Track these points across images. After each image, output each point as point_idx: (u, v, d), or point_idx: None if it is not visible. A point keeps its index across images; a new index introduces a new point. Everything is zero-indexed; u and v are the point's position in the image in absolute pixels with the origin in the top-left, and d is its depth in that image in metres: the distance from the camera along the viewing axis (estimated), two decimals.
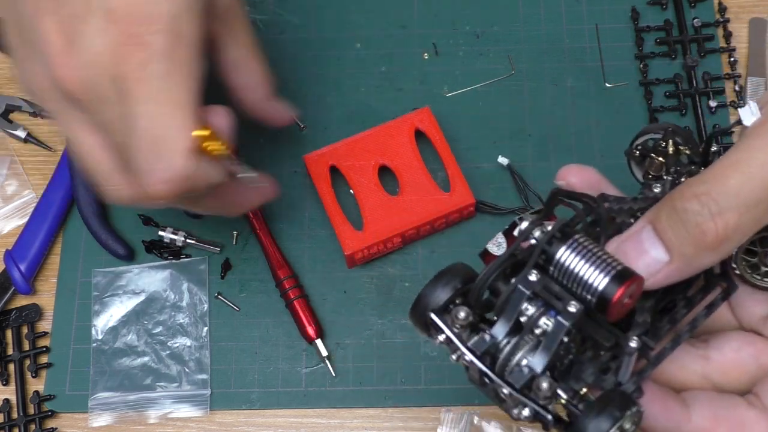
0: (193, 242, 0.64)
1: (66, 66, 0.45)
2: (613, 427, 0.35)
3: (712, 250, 0.36)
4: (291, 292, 0.62)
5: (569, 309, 0.36)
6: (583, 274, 0.36)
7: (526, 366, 0.37)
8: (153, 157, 0.45)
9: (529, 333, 0.37)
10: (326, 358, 0.61)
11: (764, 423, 0.38)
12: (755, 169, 0.34)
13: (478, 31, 0.70)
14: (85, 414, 0.61)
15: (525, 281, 0.37)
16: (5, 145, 0.68)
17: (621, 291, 0.35)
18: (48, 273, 0.65)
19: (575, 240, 0.37)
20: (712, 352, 0.41)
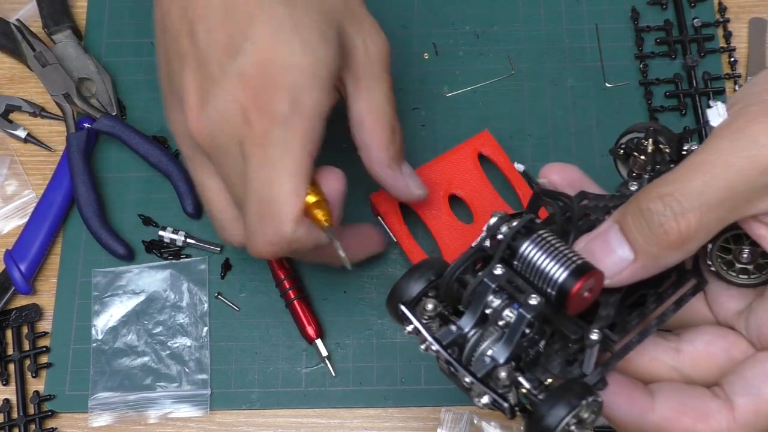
0: (193, 242, 0.64)
1: (197, 121, 0.49)
2: (569, 415, 0.36)
3: (675, 249, 0.37)
4: (291, 292, 0.62)
5: (530, 302, 0.38)
6: (544, 267, 0.38)
7: (489, 356, 0.38)
8: (262, 220, 0.48)
9: (494, 324, 0.39)
10: (326, 358, 0.61)
11: (726, 413, 0.39)
12: (718, 169, 0.36)
13: (478, 31, 0.70)
14: (85, 414, 0.61)
15: (490, 275, 0.39)
16: (5, 145, 0.68)
17: (579, 284, 0.37)
18: (48, 273, 0.65)
19: (539, 235, 0.38)
20: (683, 345, 0.42)
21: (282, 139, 0.47)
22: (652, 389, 0.41)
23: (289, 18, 0.48)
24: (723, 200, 0.36)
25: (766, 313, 0.41)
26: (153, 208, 0.66)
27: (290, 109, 0.47)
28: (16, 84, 0.71)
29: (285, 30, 0.48)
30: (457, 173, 0.62)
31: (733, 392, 0.39)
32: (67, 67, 0.68)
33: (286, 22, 0.48)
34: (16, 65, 0.71)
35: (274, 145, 0.47)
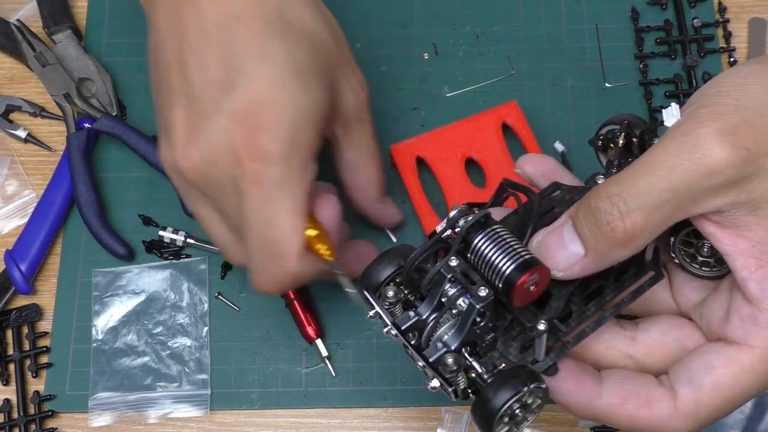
0: (193, 242, 0.64)
1: (184, 156, 0.49)
2: (513, 399, 0.39)
3: (621, 246, 0.39)
4: (291, 292, 0.62)
5: (480, 293, 0.40)
6: (493, 260, 0.40)
7: (443, 342, 0.41)
8: (265, 260, 0.49)
9: (449, 312, 0.41)
10: (326, 358, 0.61)
11: (668, 401, 0.41)
12: (664, 171, 0.37)
13: (478, 31, 0.70)
14: (85, 414, 0.61)
15: (446, 266, 0.41)
16: (5, 145, 0.69)
17: (523, 278, 0.39)
18: (48, 273, 0.65)
19: (492, 230, 0.41)
20: (639, 334, 0.44)
21: (279, 178, 0.47)
22: (602, 376, 0.43)
23: (289, 59, 0.48)
24: (667, 201, 0.37)
25: (716, 305, 0.42)
26: (153, 208, 0.66)
27: (288, 148, 0.47)
28: (16, 84, 0.71)
29: (284, 70, 0.47)
30: (478, 138, 0.63)
31: (676, 381, 0.41)
32: (67, 67, 0.68)
33: (285, 62, 0.48)
34: (17, 65, 0.71)
35: (272, 185, 0.47)
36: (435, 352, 0.41)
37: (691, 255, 0.43)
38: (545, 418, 0.59)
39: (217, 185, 0.49)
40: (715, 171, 0.37)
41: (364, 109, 0.55)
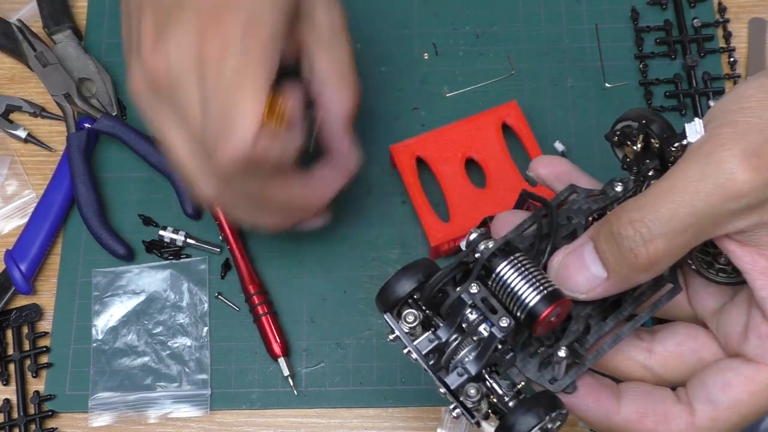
0: (193, 242, 0.64)
1: (152, 58, 0.49)
2: (537, 426, 0.39)
3: (645, 271, 0.39)
4: (259, 308, 0.62)
5: (501, 323, 0.40)
6: (516, 291, 0.40)
7: (464, 367, 0.41)
8: (223, 134, 0.48)
9: (470, 336, 0.41)
10: (289, 377, 0.61)
11: (686, 418, 0.41)
12: (687, 195, 0.37)
13: (478, 31, 0.70)
14: (85, 414, 0.61)
15: (467, 292, 0.41)
16: (5, 145, 0.69)
17: (547, 311, 0.39)
18: (48, 273, 0.65)
19: (514, 258, 0.41)
20: (656, 345, 0.44)
21: (239, 60, 0.47)
22: (620, 390, 0.43)
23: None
24: (690, 225, 0.37)
25: (733, 319, 0.42)
26: (153, 208, 0.66)
27: (246, 31, 0.47)
28: (16, 84, 0.71)
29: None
30: (478, 138, 0.63)
31: (694, 398, 0.41)
32: (67, 67, 0.68)
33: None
34: (17, 65, 0.71)
35: (231, 66, 0.47)
36: (456, 378, 0.41)
37: (708, 262, 0.43)
38: None
39: (180, 78, 0.49)
40: (738, 195, 0.36)
41: (338, 26, 0.54)
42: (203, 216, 0.65)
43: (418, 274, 0.44)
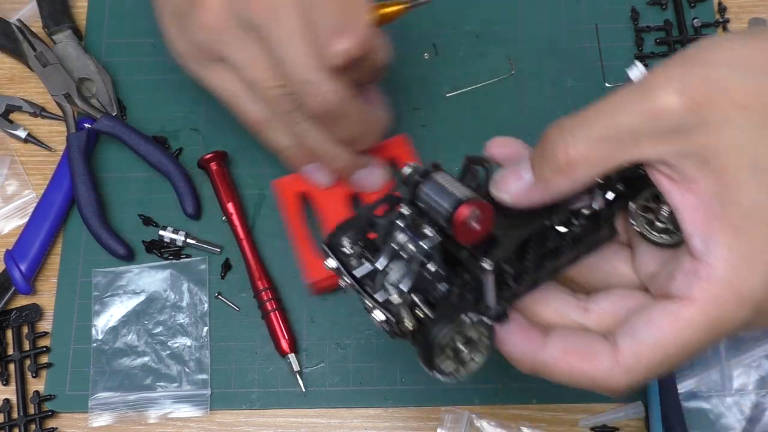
0: (193, 242, 0.64)
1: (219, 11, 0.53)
2: (453, 327, 0.40)
3: (563, 174, 0.40)
4: (268, 303, 0.62)
5: (426, 233, 0.41)
6: (438, 202, 0.41)
7: (391, 284, 0.42)
8: (340, 26, 0.51)
9: (401, 258, 0.42)
10: (298, 373, 0.61)
11: (610, 355, 0.40)
12: (611, 109, 0.39)
13: (478, 31, 0.70)
14: (85, 414, 0.61)
15: (399, 215, 0.42)
16: (5, 145, 0.69)
17: (463, 210, 0.40)
18: (48, 273, 0.65)
19: (439, 175, 0.42)
20: (591, 305, 0.44)
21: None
22: (549, 332, 0.43)
23: None
24: (609, 137, 0.39)
25: (666, 270, 0.42)
26: (153, 208, 0.66)
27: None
28: (16, 84, 0.71)
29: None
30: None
31: (619, 336, 0.41)
32: (67, 67, 0.68)
33: None
34: (17, 65, 0.71)
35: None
36: (385, 294, 0.42)
37: (650, 221, 0.44)
38: (545, 418, 0.60)
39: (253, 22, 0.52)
40: (658, 114, 0.37)
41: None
42: (203, 216, 0.65)
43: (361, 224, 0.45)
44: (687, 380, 0.59)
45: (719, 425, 0.58)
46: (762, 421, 0.57)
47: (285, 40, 0.52)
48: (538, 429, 0.59)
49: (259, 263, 0.63)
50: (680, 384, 0.58)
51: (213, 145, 0.67)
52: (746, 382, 0.58)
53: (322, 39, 0.51)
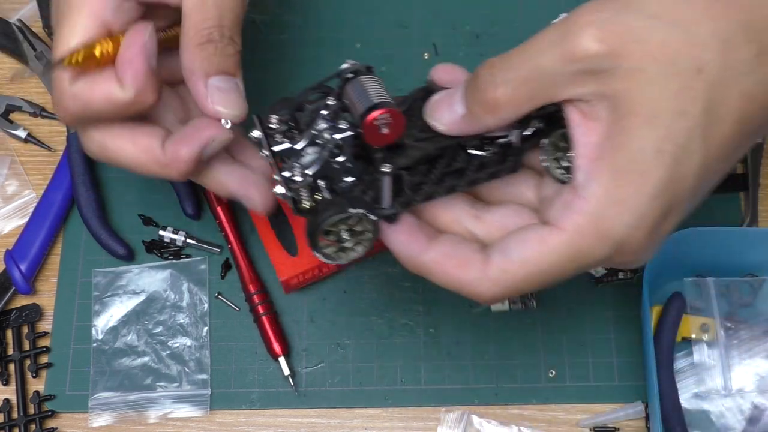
0: (193, 242, 0.64)
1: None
2: (337, 215, 0.44)
3: (490, 113, 0.42)
4: (259, 307, 0.62)
5: (341, 126, 0.44)
6: (357, 101, 0.44)
7: (301, 164, 0.44)
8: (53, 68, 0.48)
9: (317, 145, 0.45)
10: (289, 376, 0.61)
11: (480, 265, 0.43)
12: (534, 52, 0.40)
13: (478, 31, 0.70)
14: (85, 414, 0.61)
15: (324, 105, 0.45)
16: (5, 145, 0.69)
17: (373, 115, 0.43)
18: (48, 273, 0.65)
19: (366, 77, 0.45)
20: (485, 214, 0.46)
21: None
22: (438, 237, 0.45)
23: None
24: (531, 79, 0.40)
25: (554, 196, 0.43)
26: (153, 208, 0.66)
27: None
28: (16, 84, 0.71)
29: None
30: None
31: (493, 250, 0.43)
32: None
33: None
34: (17, 65, 0.71)
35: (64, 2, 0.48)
36: (291, 167, 0.44)
37: (557, 158, 0.45)
38: (545, 418, 0.60)
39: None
40: (575, 57, 0.39)
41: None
42: (203, 216, 0.65)
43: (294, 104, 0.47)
44: (687, 380, 0.59)
45: (719, 425, 0.58)
46: (762, 422, 0.57)
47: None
48: (538, 429, 0.59)
49: (250, 266, 0.63)
50: (680, 384, 0.58)
51: None
52: (746, 382, 0.58)
53: None
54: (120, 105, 0.48)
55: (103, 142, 0.50)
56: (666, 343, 0.57)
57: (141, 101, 0.48)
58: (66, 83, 0.48)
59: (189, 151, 0.49)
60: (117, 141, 0.50)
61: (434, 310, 0.62)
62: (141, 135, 0.50)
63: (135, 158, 0.50)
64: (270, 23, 0.71)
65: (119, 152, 0.50)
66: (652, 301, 0.58)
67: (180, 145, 0.49)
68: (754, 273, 0.60)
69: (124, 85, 0.47)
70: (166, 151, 0.49)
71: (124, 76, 0.47)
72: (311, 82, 0.48)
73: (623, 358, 0.61)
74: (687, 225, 0.61)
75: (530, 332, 0.62)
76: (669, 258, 0.57)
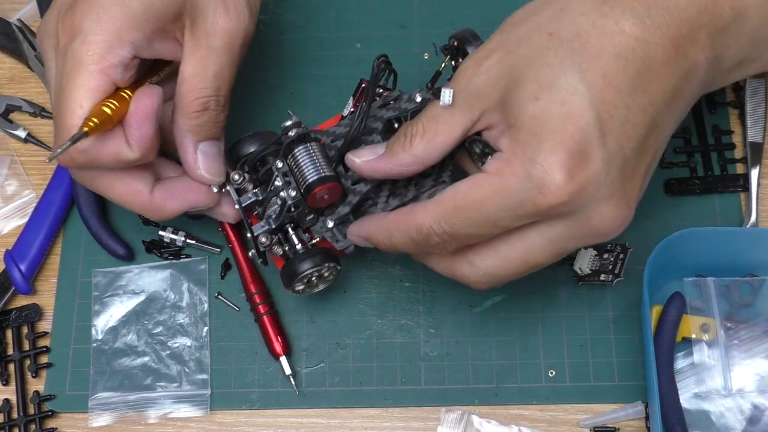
0: (193, 242, 0.64)
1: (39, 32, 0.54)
2: (312, 269, 0.55)
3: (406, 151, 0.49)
4: (260, 307, 0.62)
5: (290, 192, 0.54)
6: (303, 170, 0.54)
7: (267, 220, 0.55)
8: (56, 129, 0.51)
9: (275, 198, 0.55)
10: (290, 376, 0.61)
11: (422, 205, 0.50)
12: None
13: (479, 31, 0.70)
14: (85, 414, 0.61)
15: (275, 165, 0.55)
16: (5, 145, 0.69)
17: (314, 192, 0.53)
18: (48, 273, 0.65)
19: (307, 146, 0.54)
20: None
21: (78, 51, 0.49)
22: None
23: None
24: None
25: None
26: None
27: (91, 26, 0.49)
28: (16, 84, 0.71)
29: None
30: None
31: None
32: None
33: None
34: (17, 65, 0.71)
35: (70, 57, 0.49)
36: (260, 228, 0.56)
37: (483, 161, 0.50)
38: (545, 418, 0.60)
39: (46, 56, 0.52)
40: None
41: (220, 37, 0.53)
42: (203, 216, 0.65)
43: (261, 141, 0.57)
44: (687, 380, 0.59)
45: (719, 425, 0.58)
46: (762, 422, 0.57)
47: None
48: (538, 429, 0.59)
49: (251, 267, 0.63)
50: (680, 384, 0.58)
51: None
52: (746, 383, 0.58)
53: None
54: (126, 163, 0.51)
55: (94, 179, 0.54)
56: (666, 343, 0.57)
57: (144, 160, 0.51)
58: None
59: (174, 208, 0.56)
60: (109, 180, 0.54)
61: (434, 310, 0.63)
62: (131, 179, 0.54)
63: (123, 198, 0.54)
64: (270, 23, 0.71)
65: (109, 190, 0.54)
66: (652, 301, 0.58)
67: (168, 201, 0.55)
68: (754, 273, 0.60)
69: (131, 146, 0.50)
70: (153, 200, 0.54)
71: (132, 137, 0.50)
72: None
73: (623, 358, 0.61)
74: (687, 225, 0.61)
75: (530, 332, 0.62)
76: (669, 258, 0.57)
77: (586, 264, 0.59)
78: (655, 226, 0.63)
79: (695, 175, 0.65)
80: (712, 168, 0.65)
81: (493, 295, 0.62)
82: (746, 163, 0.65)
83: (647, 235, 0.63)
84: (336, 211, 0.55)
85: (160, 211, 0.55)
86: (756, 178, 0.64)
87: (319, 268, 0.55)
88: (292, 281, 0.55)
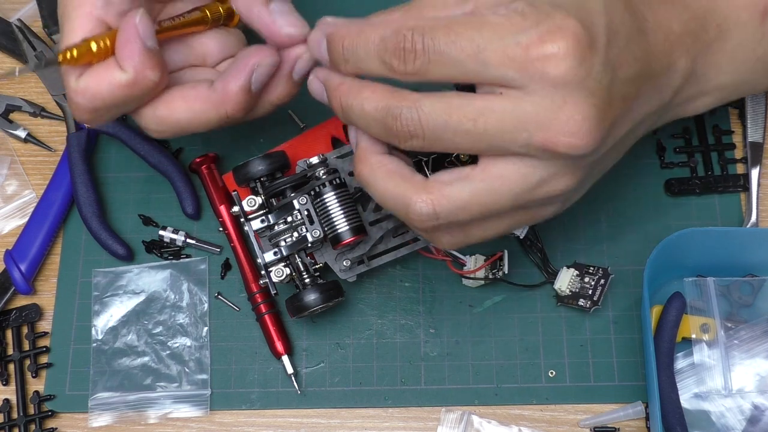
0: (193, 242, 0.64)
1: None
2: (321, 305, 0.56)
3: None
4: (262, 306, 0.62)
5: (314, 234, 0.56)
6: (333, 217, 0.55)
7: (279, 248, 0.57)
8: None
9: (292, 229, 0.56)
10: (292, 375, 0.61)
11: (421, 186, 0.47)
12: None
13: None
14: (85, 414, 0.61)
15: (298, 200, 0.56)
16: (5, 145, 0.69)
17: (349, 240, 0.55)
18: (48, 273, 0.65)
19: (338, 192, 0.55)
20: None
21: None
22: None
23: None
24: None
25: None
26: (153, 208, 0.66)
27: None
28: (16, 84, 0.71)
29: None
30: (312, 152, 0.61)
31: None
32: None
33: None
34: (17, 65, 0.71)
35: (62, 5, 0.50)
36: (271, 256, 0.56)
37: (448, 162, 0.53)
38: (545, 418, 0.60)
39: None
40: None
41: None
42: (203, 216, 0.65)
43: (272, 164, 0.57)
44: (687, 380, 0.59)
45: (719, 425, 0.58)
46: (762, 422, 0.57)
47: None
48: (538, 429, 0.59)
49: (253, 266, 0.63)
50: (680, 384, 0.58)
51: (212, 146, 0.67)
52: (746, 382, 0.58)
53: None
54: (124, 87, 0.48)
55: (155, 113, 0.51)
56: (666, 343, 0.57)
57: (142, 79, 0.48)
58: (73, 81, 0.50)
59: (238, 83, 0.50)
60: (168, 104, 0.51)
61: (434, 310, 0.63)
62: (188, 89, 0.51)
63: (190, 110, 0.51)
64: None
65: (174, 114, 0.51)
66: (652, 301, 0.58)
67: (228, 80, 0.50)
68: (754, 273, 0.60)
69: (123, 68, 0.48)
70: (215, 90, 0.50)
71: (121, 58, 0.48)
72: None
73: (623, 358, 0.61)
74: (687, 225, 0.61)
75: (530, 332, 0.62)
76: (669, 258, 0.57)
77: (566, 284, 0.59)
78: (655, 226, 0.63)
79: (695, 175, 0.65)
80: (712, 168, 0.65)
81: (493, 295, 0.62)
82: (746, 163, 0.65)
83: (647, 235, 0.63)
84: (353, 251, 0.57)
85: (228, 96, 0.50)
86: (756, 178, 0.64)
87: (328, 303, 0.57)
88: (297, 314, 0.57)
